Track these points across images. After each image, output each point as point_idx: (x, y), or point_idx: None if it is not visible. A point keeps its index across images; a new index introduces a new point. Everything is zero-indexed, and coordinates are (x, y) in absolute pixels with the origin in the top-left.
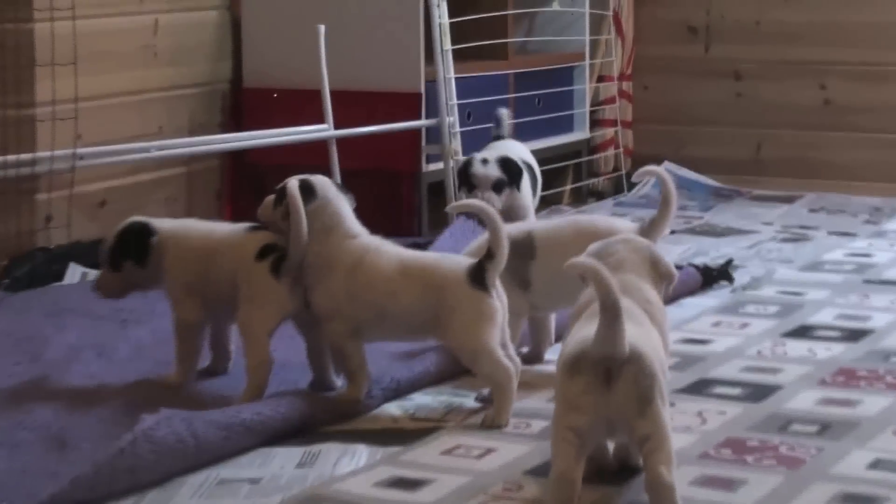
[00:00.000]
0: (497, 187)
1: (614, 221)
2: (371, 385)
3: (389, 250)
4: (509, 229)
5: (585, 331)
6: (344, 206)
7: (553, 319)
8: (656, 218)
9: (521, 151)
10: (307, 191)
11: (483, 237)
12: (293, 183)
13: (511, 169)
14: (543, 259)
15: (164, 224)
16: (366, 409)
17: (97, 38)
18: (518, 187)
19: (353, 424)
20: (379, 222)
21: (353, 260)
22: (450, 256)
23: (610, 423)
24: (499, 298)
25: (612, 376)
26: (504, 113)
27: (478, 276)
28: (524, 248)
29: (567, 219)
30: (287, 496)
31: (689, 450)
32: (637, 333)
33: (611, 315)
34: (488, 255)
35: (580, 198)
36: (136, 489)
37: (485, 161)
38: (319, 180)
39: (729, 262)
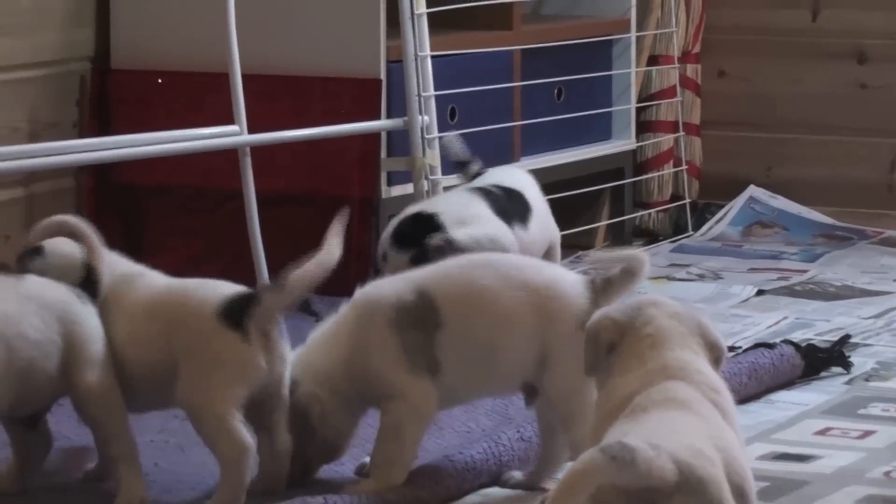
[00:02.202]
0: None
1: (551, 270)
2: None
3: (149, 280)
4: (381, 288)
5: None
6: None
7: (560, 426)
8: (617, 276)
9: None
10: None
11: None
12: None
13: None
14: (456, 326)
15: None
16: None
17: None
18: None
19: None
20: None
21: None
22: (218, 284)
23: None
24: (270, 349)
25: None
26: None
27: (238, 309)
28: (422, 315)
29: (468, 260)
30: None
31: None
32: (700, 441)
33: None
34: (273, 284)
35: (621, 239)
36: None
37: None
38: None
39: (844, 341)
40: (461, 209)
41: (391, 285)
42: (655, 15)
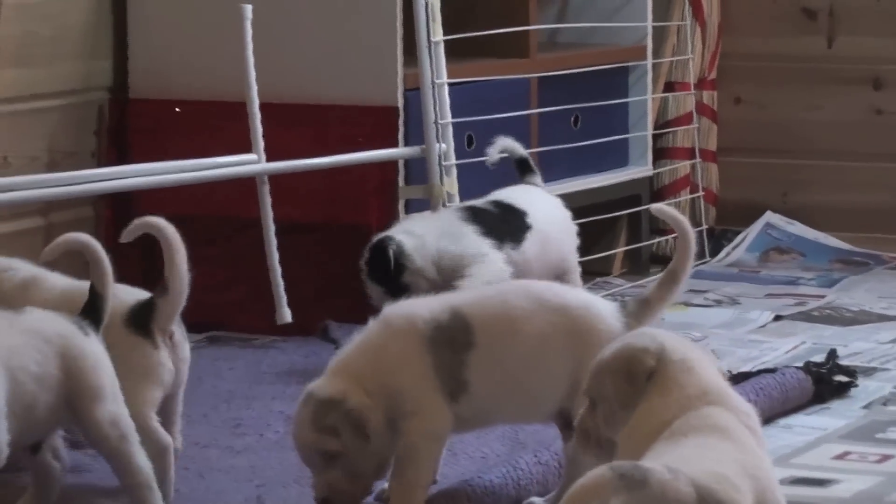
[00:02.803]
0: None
1: (585, 294)
2: None
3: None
4: (414, 306)
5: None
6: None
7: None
8: (651, 296)
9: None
10: None
11: None
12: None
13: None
14: (490, 347)
15: None
16: None
17: None
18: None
19: None
20: (332, 300)
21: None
22: (127, 290)
23: None
24: (172, 349)
25: None
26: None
27: (142, 315)
28: (453, 335)
29: (503, 283)
30: None
31: None
32: (730, 467)
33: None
34: (161, 288)
35: (638, 266)
36: None
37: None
38: None
39: (833, 356)
40: (436, 231)
41: (424, 304)
42: (671, 42)
